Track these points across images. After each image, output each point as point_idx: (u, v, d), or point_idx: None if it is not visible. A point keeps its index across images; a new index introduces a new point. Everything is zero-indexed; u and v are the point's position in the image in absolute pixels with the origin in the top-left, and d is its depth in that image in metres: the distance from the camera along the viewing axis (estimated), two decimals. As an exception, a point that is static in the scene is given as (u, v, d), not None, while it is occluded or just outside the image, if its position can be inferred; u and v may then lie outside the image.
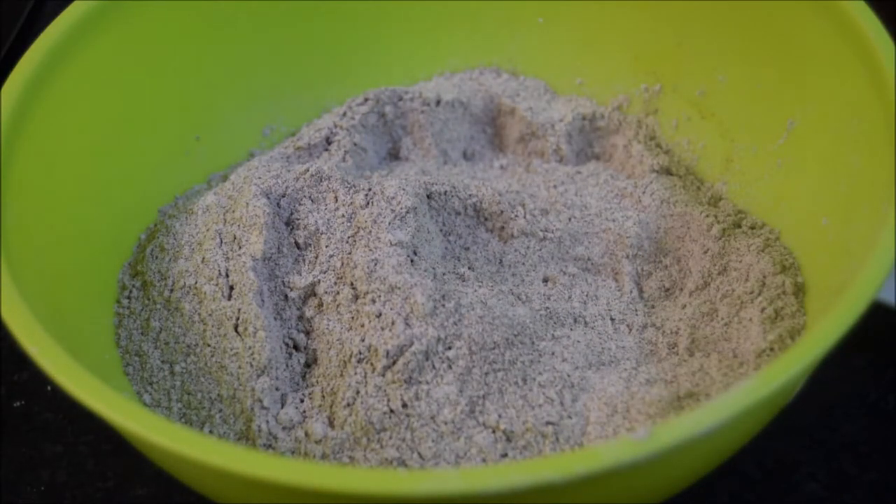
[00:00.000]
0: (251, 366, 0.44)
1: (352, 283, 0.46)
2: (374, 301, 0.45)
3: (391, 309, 0.44)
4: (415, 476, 0.32)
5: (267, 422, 0.43)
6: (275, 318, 0.47)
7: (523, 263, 0.50)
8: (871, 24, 0.44)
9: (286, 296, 0.47)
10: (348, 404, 0.43)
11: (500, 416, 0.42)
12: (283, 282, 0.48)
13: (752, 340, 0.44)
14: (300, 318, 0.47)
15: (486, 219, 0.50)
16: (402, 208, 0.48)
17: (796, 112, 0.48)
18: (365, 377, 0.44)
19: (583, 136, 0.56)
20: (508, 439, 0.42)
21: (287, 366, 0.46)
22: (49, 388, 0.50)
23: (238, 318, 0.46)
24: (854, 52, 0.44)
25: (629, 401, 0.41)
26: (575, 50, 0.57)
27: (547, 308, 0.47)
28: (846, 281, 0.39)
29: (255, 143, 0.56)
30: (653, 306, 0.49)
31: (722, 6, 0.51)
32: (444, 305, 0.44)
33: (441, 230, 0.50)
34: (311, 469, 0.33)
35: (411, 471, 0.34)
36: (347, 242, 0.48)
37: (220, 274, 0.47)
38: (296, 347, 0.46)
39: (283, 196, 0.49)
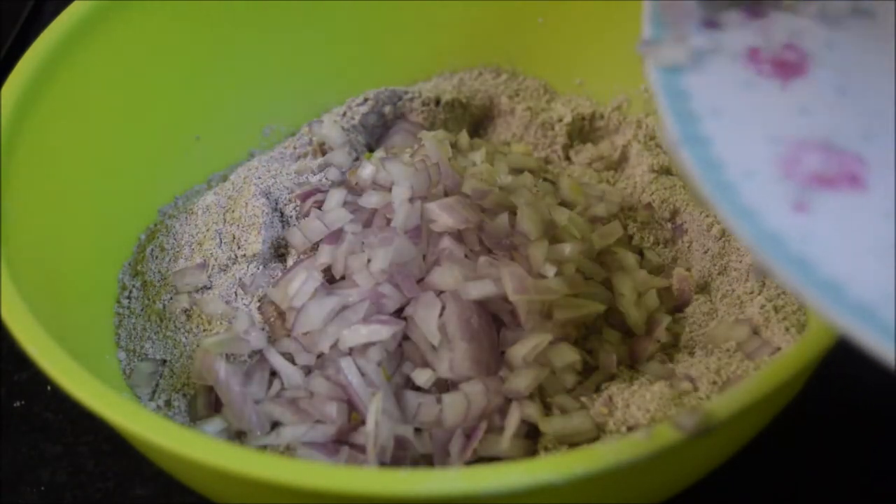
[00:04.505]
0: (251, 366, 0.45)
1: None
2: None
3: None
4: (415, 476, 0.32)
5: (267, 422, 0.43)
6: (275, 319, 0.47)
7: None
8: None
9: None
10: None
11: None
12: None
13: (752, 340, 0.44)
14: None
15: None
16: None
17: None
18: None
19: (583, 137, 0.56)
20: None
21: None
22: (49, 388, 0.50)
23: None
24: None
25: (629, 399, 0.41)
26: (575, 50, 0.57)
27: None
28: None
29: (255, 143, 0.56)
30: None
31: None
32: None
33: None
34: (311, 469, 0.33)
35: (411, 471, 0.34)
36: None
37: (220, 274, 0.47)
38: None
39: (282, 196, 0.50)
